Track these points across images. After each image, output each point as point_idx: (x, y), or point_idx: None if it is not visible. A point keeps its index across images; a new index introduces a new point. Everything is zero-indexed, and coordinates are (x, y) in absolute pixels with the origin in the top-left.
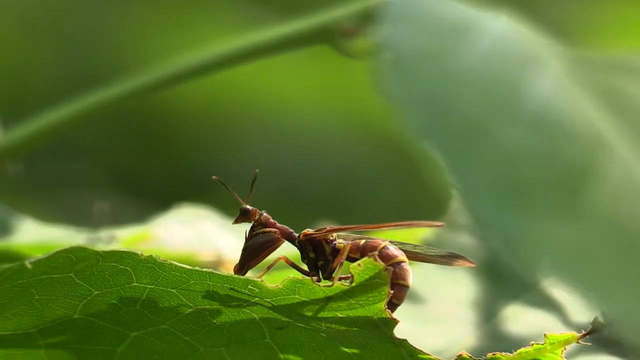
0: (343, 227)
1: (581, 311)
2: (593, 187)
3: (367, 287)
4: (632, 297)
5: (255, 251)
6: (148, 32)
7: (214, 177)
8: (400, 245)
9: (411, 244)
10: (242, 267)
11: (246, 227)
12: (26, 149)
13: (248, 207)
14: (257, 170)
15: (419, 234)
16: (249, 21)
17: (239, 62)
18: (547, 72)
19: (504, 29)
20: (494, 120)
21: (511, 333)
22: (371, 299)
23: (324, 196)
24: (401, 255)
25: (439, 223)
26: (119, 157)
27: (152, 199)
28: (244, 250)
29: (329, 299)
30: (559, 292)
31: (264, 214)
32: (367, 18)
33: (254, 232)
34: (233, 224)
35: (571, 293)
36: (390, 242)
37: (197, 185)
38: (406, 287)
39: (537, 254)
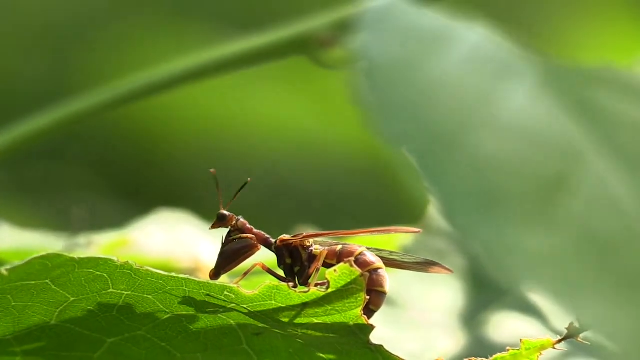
0: (320, 232)
1: (560, 316)
2: (567, 197)
3: (343, 293)
4: (605, 305)
5: (231, 257)
6: (125, 45)
7: (211, 170)
8: (377, 251)
9: (387, 251)
10: (218, 272)
11: (225, 232)
12: (5, 156)
13: (225, 212)
14: (249, 179)
15: (396, 240)
16: (225, 35)
17: (221, 71)
18: (522, 82)
19: (479, 38)
20: (468, 129)
21: (489, 338)
22: (347, 305)
23: (302, 203)
24: (378, 262)
25: (416, 229)
26: (102, 163)
27: (134, 203)
28: (220, 255)
29: (305, 305)
30: (537, 297)
31: (241, 219)
32: (343, 28)
33: (231, 238)
34: (210, 229)
35: (546, 301)
36: (367, 248)
37: (179, 189)
38: (383, 293)
39: (511, 261)
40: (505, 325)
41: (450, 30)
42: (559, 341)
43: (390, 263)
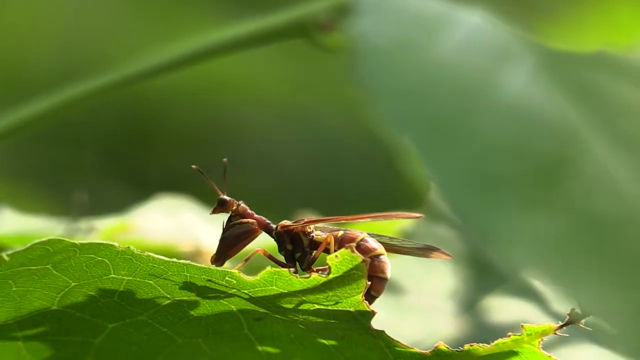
0: (321, 218)
1: (561, 301)
2: (567, 181)
3: (344, 278)
4: (605, 289)
5: (232, 242)
6: (129, 27)
7: (193, 166)
8: (377, 237)
9: (387, 236)
10: (219, 257)
11: (225, 217)
12: (6, 140)
13: (225, 197)
14: (225, 160)
15: (396, 225)
16: (226, 17)
17: (221, 54)
18: (522, 66)
19: (478, 22)
20: (468, 113)
21: (491, 323)
22: (349, 290)
23: (303, 187)
24: (380, 248)
25: (417, 215)
26: (103, 148)
27: (135, 188)
28: (221, 240)
29: (306, 291)
30: (537, 281)
31: (242, 204)
32: (342, 12)
33: (232, 223)
34: (210, 214)
35: (545, 285)
36: (368, 234)
37: (182, 175)
38: (385, 279)
39: (511, 246)
40: (506, 311)
41: (449, 14)
42: (561, 327)
43: (390, 248)
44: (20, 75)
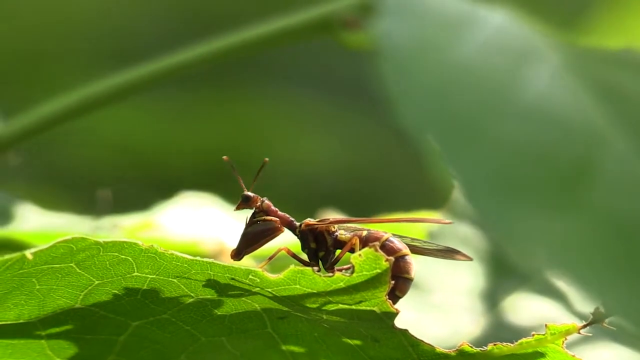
0: (346, 219)
1: (585, 300)
2: (590, 181)
3: (368, 278)
4: (630, 290)
5: (253, 238)
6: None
7: (224, 157)
8: (399, 238)
9: (409, 238)
10: (239, 252)
11: (249, 214)
12: (28, 140)
13: (250, 193)
14: (267, 159)
15: (421, 225)
16: (250, 16)
17: (247, 51)
18: (545, 65)
19: (502, 21)
20: (491, 113)
21: (514, 322)
22: (372, 290)
23: (326, 187)
24: (405, 249)
25: (447, 221)
26: (126, 146)
27: (158, 186)
28: (243, 236)
29: (330, 290)
30: (561, 282)
31: (266, 201)
32: (367, 10)
33: (255, 219)
34: (235, 210)
35: (569, 286)
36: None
37: (204, 172)
38: (409, 280)
39: (533, 246)
40: (529, 310)
41: (473, 14)
42: (584, 326)
43: (411, 249)
44: (45, 73)
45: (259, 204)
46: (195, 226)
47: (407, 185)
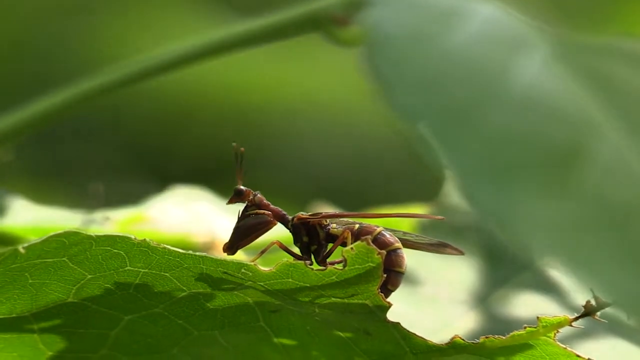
0: (338, 213)
1: (578, 292)
2: (582, 167)
3: (360, 271)
4: (623, 276)
5: (246, 232)
6: (136, 22)
7: (234, 143)
8: (391, 232)
9: (401, 231)
10: (232, 246)
11: (242, 207)
12: (18, 136)
13: (242, 187)
14: (242, 149)
15: (412, 218)
16: (240, 12)
17: (236, 49)
18: (536, 55)
19: (491, 12)
20: (482, 102)
21: (506, 315)
22: (364, 283)
23: (322, 180)
24: (397, 242)
25: (439, 217)
26: (118, 140)
27: (150, 179)
28: (235, 230)
29: (322, 283)
30: (555, 272)
31: (258, 194)
32: (356, 5)
33: (247, 213)
34: (227, 204)
35: (563, 272)
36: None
37: (195, 165)
38: (401, 273)
39: (527, 232)
40: (522, 302)
41: (463, 4)
42: (576, 318)
43: (403, 243)
44: (33, 70)
45: (251, 197)
46: (187, 220)
47: (401, 178)
